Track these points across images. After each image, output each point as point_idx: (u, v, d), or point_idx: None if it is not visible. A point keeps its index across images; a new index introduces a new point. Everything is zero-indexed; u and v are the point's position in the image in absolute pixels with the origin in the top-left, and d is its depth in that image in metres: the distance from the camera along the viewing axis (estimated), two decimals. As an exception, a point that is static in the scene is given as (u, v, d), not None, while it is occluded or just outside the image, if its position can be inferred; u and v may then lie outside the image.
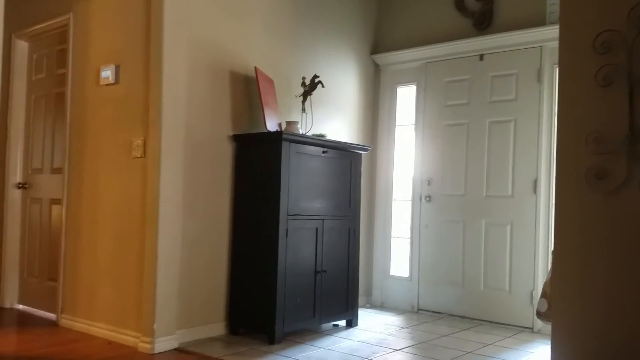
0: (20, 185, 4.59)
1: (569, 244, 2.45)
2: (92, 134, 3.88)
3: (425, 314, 4.75)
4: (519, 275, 4.33)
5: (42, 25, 4.36)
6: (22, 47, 4.63)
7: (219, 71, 3.80)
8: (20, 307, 4.51)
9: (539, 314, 2.88)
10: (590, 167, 2.31)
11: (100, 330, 3.67)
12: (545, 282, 2.84)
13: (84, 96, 3.95)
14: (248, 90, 3.98)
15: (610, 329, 2.32)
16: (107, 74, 3.73)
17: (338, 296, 4.06)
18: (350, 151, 4.18)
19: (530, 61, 4.35)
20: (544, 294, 2.81)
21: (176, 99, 3.47)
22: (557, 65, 2.47)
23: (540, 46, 4.28)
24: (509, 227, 4.40)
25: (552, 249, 2.60)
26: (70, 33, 4.06)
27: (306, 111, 4.14)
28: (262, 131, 3.84)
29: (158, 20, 3.42)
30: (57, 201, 4.23)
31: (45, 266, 4.34)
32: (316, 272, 3.87)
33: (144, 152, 3.48)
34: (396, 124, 5.15)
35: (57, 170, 4.29)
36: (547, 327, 3.42)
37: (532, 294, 4.24)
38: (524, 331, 4.21)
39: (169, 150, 3.42)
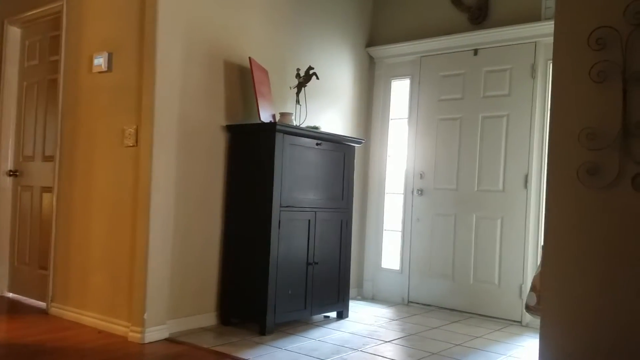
0: (12, 173, 4.56)
1: (559, 239, 2.47)
2: (85, 122, 3.85)
3: (415, 307, 4.77)
4: (508, 269, 4.36)
5: (35, 12, 4.31)
6: (14, 33, 4.59)
7: (213, 60, 3.78)
8: (10, 295, 4.49)
9: (528, 308, 2.91)
10: (583, 163, 2.32)
11: (91, 319, 3.66)
12: (535, 276, 2.87)
13: (77, 83, 3.92)
14: (242, 81, 3.97)
15: (600, 324, 2.34)
16: (100, 61, 3.71)
17: (329, 288, 4.07)
18: (344, 144, 4.18)
19: (524, 56, 4.36)
20: (533, 288, 2.83)
21: (169, 87, 3.45)
22: (552, 61, 2.47)
23: (535, 42, 4.29)
24: (499, 222, 4.43)
25: (542, 243, 2.62)
26: (64, 19, 4.02)
27: (300, 103, 4.13)
28: (256, 122, 3.83)
29: (152, 7, 3.39)
30: (48, 189, 4.20)
31: (36, 254, 4.32)
32: (308, 263, 3.88)
33: (136, 140, 3.47)
34: (390, 118, 5.16)
35: (48, 158, 4.26)
36: (536, 321, 3.45)
37: (521, 287, 4.28)
38: (512, 324, 4.24)
39: (162, 139, 3.41)
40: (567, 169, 2.39)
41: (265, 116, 3.75)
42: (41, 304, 4.11)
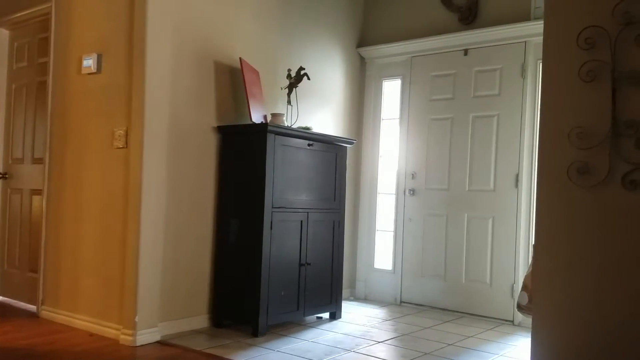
0: (1, 176, 4.52)
1: (550, 238, 2.48)
2: (74, 124, 3.83)
3: (408, 307, 4.78)
4: (500, 269, 4.37)
5: (23, 13, 4.28)
6: (3, 35, 4.55)
7: (203, 61, 3.77)
8: (0, 298, 4.45)
9: (520, 307, 2.91)
10: (573, 162, 2.33)
11: (82, 322, 3.64)
12: (526, 276, 2.87)
13: (66, 85, 3.89)
14: (233, 81, 3.96)
15: (592, 323, 2.35)
16: (90, 62, 3.68)
17: (322, 289, 4.07)
18: (336, 144, 4.18)
19: (514, 56, 4.38)
20: (524, 287, 2.84)
21: (159, 89, 3.43)
22: (541, 61, 2.49)
23: (525, 41, 4.31)
24: (490, 221, 4.44)
25: (533, 242, 2.63)
26: (52, 21, 3.99)
27: (292, 103, 4.12)
28: (247, 123, 3.83)
29: (142, 8, 3.37)
30: (38, 192, 4.17)
31: (26, 257, 4.29)
32: (300, 264, 3.88)
33: (126, 142, 3.45)
34: (381, 118, 5.16)
35: (38, 161, 4.23)
36: (528, 320, 3.46)
37: (512, 287, 4.29)
38: (504, 324, 4.25)
39: (152, 141, 3.39)
40: (557, 168, 2.40)
41: (256, 117, 3.75)
42: (32, 307, 4.08)
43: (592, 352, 2.34)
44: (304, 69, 4.09)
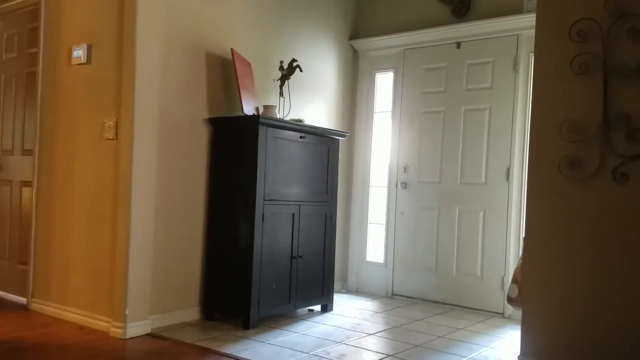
0: (-10, 167, 4.49)
1: (540, 231, 2.49)
2: (64, 115, 3.79)
3: (399, 299, 4.79)
4: (490, 262, 4.39)
5: (13, 3, 4.23)
6: (-9, 24, 4.51)
7: (194, 52, 3.74)
8: (-10, 291, 4.43)
9: (510, 300, 2.93)
10: (564, 155, 2.34)
11: (72, 314, 3.62)
12: (516, 269, 2.89)
13: (56, 76, 3.85)
14: (225, 73, 3.93)
15: (581, 315, 2.36)
16: (79, 53, 3.65)
17: (314, 281, 4.07)
18: (328, 137, 4.17)
19: (506, 49, 4.37)
20: (514, 280, 2.85)
21: (150, 80, 3.40)
22: (533, 54, 2.48)
23: (517, 34, 4.31)
24: (481, 214, 4.45)
25: (524, 235, 2.64)
26: (42, 11, 3.94)
27: (284, 95, 4.11)
28: (239, 115, 3.81)
29: (133, -1, 3.34)
30: (27, 183, 4.14)
31: (16, 249, 4.26)
32: (292, 257, 3.87)
33: (116, 134, 3.42)
34: (374, 111, 5.15)
35: (28, 152, 4.19)
36: (518, 313, 3.48)
37: (503, 280, 4.31)
38: (494, 316, 4.27)
39: (142, 132, 3.37)
40: (548, 161, 2.40)
41: (248, 109, 3.73)
42: (22, 300, 4.06)
43: (580, 343, 2.35)
44: (296, 60, 4.08)
